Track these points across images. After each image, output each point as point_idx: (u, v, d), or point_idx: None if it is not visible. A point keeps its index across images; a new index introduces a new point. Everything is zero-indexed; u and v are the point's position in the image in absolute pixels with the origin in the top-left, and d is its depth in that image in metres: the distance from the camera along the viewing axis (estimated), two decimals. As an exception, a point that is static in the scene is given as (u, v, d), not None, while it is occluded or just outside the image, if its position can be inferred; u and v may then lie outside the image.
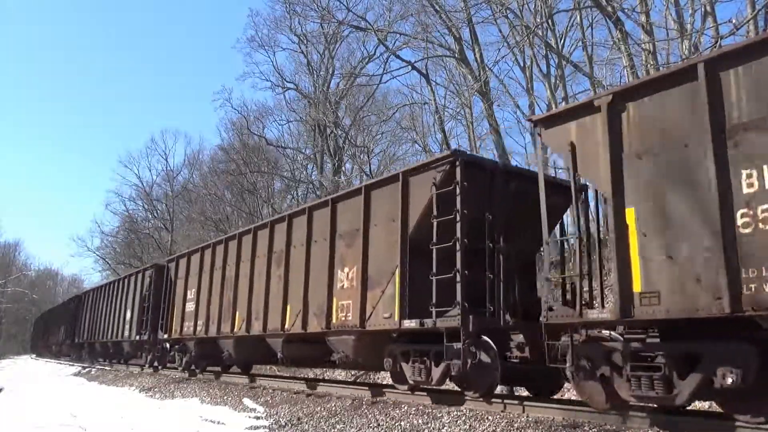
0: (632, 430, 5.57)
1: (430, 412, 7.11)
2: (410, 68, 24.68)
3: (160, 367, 17.82)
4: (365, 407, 7.99)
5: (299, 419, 8.18)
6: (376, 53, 28.10)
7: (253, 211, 31.82)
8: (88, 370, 23.44)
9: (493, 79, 22.22)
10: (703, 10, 15.00)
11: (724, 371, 4.80)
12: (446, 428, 6.46)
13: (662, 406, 5.54)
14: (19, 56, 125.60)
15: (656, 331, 5.48)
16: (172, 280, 16.44)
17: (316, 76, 31.07)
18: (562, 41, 21.22)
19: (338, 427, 7.41)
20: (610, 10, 15.26)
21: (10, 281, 62.93)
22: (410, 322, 7.60)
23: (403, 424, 6.91)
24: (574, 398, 8.20)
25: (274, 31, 31.65)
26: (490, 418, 6.43)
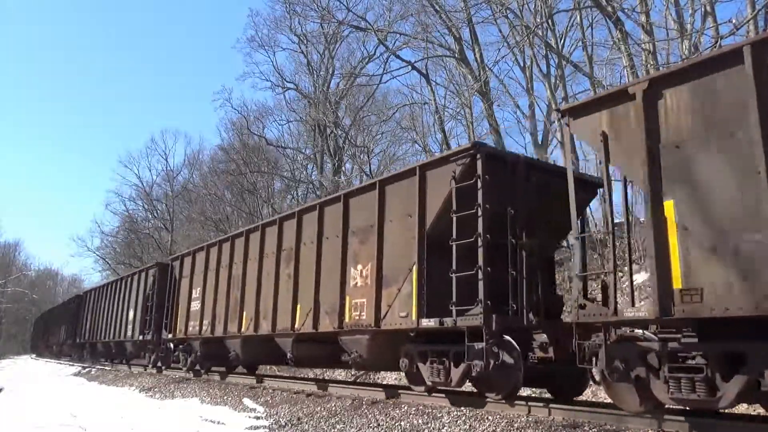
0: (632, 430, 5.36)
1: (430, 412, 6.96)
2: (410, 68, 24.72)
3: (163, 367, 17.37)
4: (365, 407, 7.84)
5: (299, 419, 8.04)
6: (376, 53, 28.06)
7: (253, 211, 31.54)
8: (88, 370, 23.16)
9: (493, 79, 22.18)
10: (703, 10, 14.91)
11: None
12: (446, 428, 6.31)
13: (702, 409, 5.20)
14: (19, 56, 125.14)
15: (692, 330, 5.13)
16: (176, 278, 15.97)
17: (316, 76, 30.94)
18: (562, 41, 21.08)
19: (338, 427, 7.29)
20: (610, 10, 15.12)
21: (10, 281, 62.42)
22: (429, 321, 7.25)
23: (403, 424, 6.77)
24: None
25: (274, 31, 31.58)
26: (490, 418, 6.30)
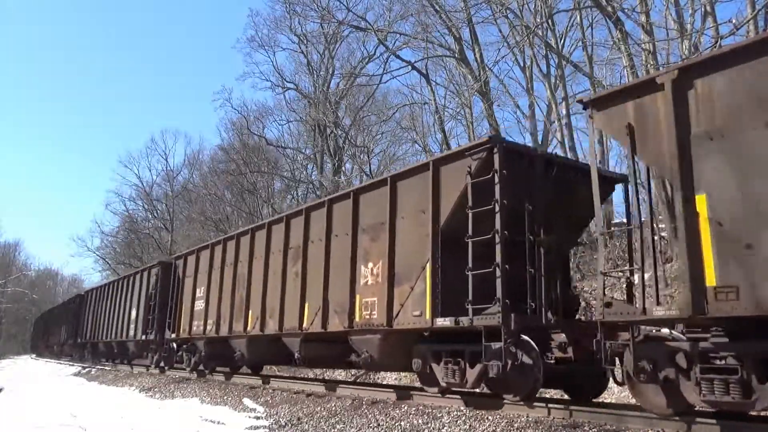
0: (632, 430, 5.22)
1: (430, 412, 6.84)
2: (410, 68, 24.55)
3: (166, 367, 16.90)
4: (365, 407, 7.74)
5: (299, 419, 7.92)
6: (376, 53, 27.86)
7: (253, 211, 31.28)
8: (88, 370, 22.89)
9: (493, 79, 22.10)
10: (703, 10, 14.78)
11: None
12: (446, 428, 6.21)
13: (733, 411, 4.92)
14: (19, 56, 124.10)
15: (721, 330, 4.86)
16: (180, 277, 15.58)
17: (316, 76, 30.71)
18: (562, 41, 21.00)
19: (338, 427, 7.17)
20: (610, 10, 14.95)
21: (10, 281, 61.98)
22: (443, 320, 6.94)
23: (403, 424, 6.65)
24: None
25: (274, 31, 31.36)
26: (490, 418, 6.20)
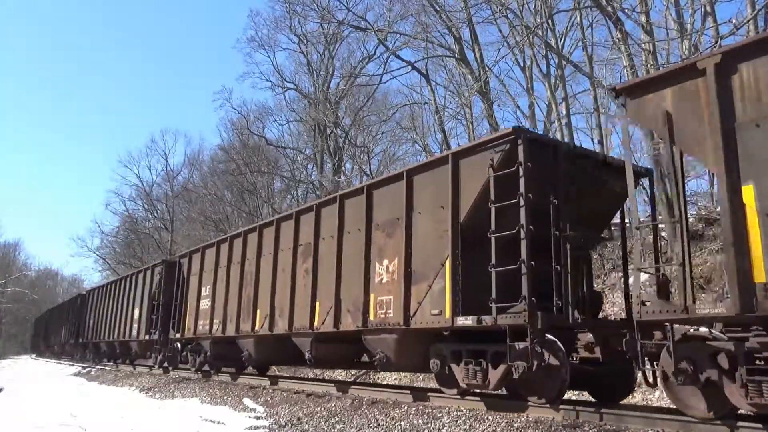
0: (632, 430, 5.11)
1: (430, 412, 6.75)
2: (410, 68, 24.33)
3: (170, 368, 16.40)
4: (365, 407, 7.62)
5: (299, 419, 7.78)
6: (376, 53, 27.62)
7: (253, 211, 30.95)
8: (88, 370, 22.54)
9: (493, 79, 21.89)
10: (703, 10, 14.68)
11: None
12: (446, 428, 6.13)
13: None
14: (18, 56, 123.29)
15: (762, 328, 4.53)
16: (184, 276, 15.14)
17: (316, 76, 30.40)
18: (562, 41, 20.79)
19: (338, 427, 7.08)
20: (610, 10, 14.75)
21: (10, 281, 61.31)
22: (465, 319, 6.59)
23: (403, 424, 6.57)
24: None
25: (274, 31, 31.03)
26: (490, 418, 6.12)
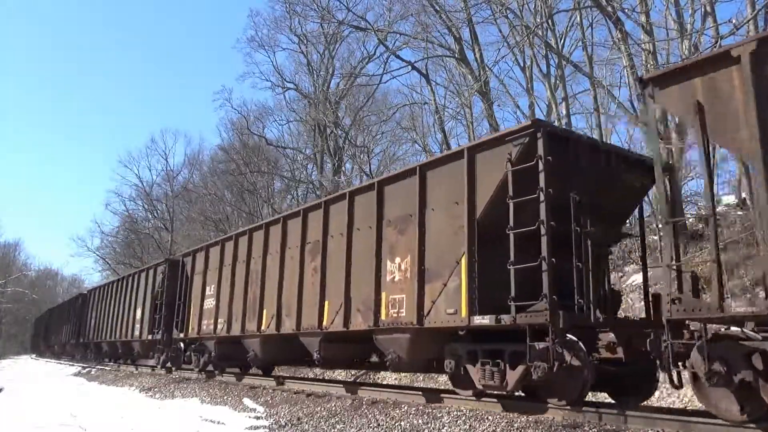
0: (631, 430, 5.12)
1: (430, 412, 6.75)
2: (410, 68, 24.51)
3: (174, 368, 16.17)
4: (365, 407, 7.61)
5: (299, 419, 7.81)
6: (376, 53, 27.84)
7: (253, 211, 31.23)
8: (88, 370, 22.69)
9: (493, 79, 21.96)
10: (703, 10, 14.77)
11: None
12: (446, 428, 6.13)
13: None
14: (18, 56, 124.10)
15: None
16: (188, 275, 14.95)
17: (316, 76, 30.64)
18: (562, 41, 20.87)
19: (338, 427, 7.09)
20: (610, 10, 14.92)
21: (10, 281, 61.67)
22: (482, 318, 6.42)
23: (403, 424, 6.57)
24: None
25: (274, 31, 31.28)
26: (490, 418, 6.11)
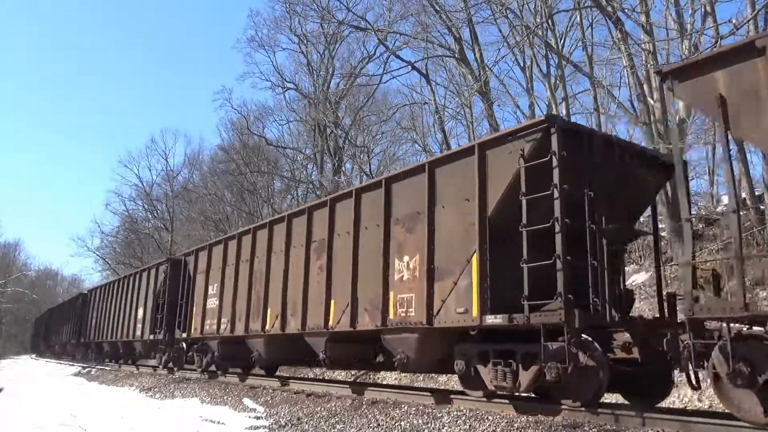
0: (631, 430, 5.14)
1: (430, 412, 6.77)
2: (410, 68, 24.61)
3: (176, 368, 16.08)
4: (365, 407, 7.64)
5: (299, 419, 7.83)
6: (376, 53, 27.98)
7: (253, 211, 31.41)
8: (88, 370, 22.77)
9: (493, 79, 22.03)
10: (703, 10, 14.82)
11: None
12: (446, 428, 6.15)
13: None
14: (18, 56, 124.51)
15: None
16: (190, 274, 14.86)
17: (316, 76, 30.79)
18: (562, 41, 20.93)
19: (338, 427, 7.11)
20: (610, 10, 15.00)
21: (10, 281, 61.89)
22: (494, 317, 6.33)
23: (403, 424, 6.60)
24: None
25: (274, 31, 31.46)
26: (490, 418, 6.13)
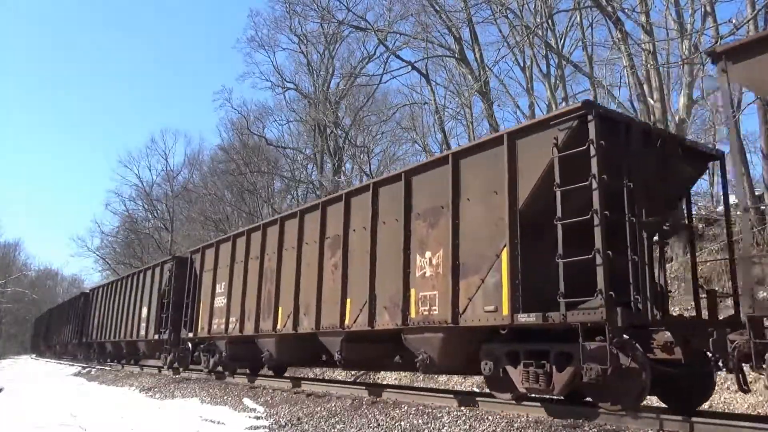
0: (631, 430, 5.26)
1: (430, 412, 6.86)
2: (410, 68, 24.68)
3: (181, 369, 16.00)
4: (365, 407, 7.74)
5: (299, 419, 7.95)
6: (376, 53, 28.17)
7: (253, 211, 31.69)
8: (88, 370, 23.01)
9: (493, 79, 22.09)
10: (703, 10, 14.89)
11: None
12: (446, 428, 6.23)
13: None
14: (18, 56, 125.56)
15: None
16: (197, 273, 14.70)
17: (316, 76, 31.04)
18: (562, 41, 21.01)
19: (338, 427, 7.21)
20: (610, 10, 15.11)
21: (10, 281, 62.28)
22: (527, 316, 6.05)
23: (403, 424, 6.69)
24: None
25: (274, 31, 31.71)
26: (490, 418, 6.22)
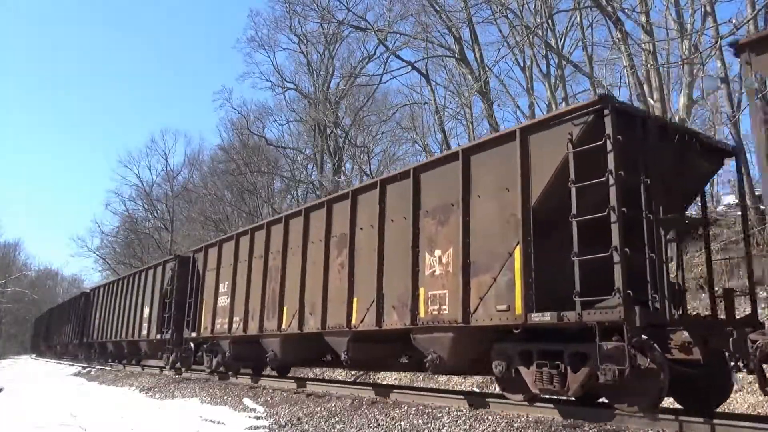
0: (632, 430, 5.31)
1: (430, 412, 6.90)
2: (410, 68, 24.80)
3: (184, 369, 15.94)
4: (365, 407, 7.78)
5: (299, 419, 7.99)
6: (376, 53, 28.28)
7: (253, 211, 31.80)
8: (88, 370, 23.10)
9: (493, 79, 22.17)
10: (703, 10, 14.93)
11: None
12: (446, 428, 6.26)
13: None
14: (18, 56, 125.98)
15: None
16: (199, 272, 14.68)
17: (316, 76, 31.15)
18: (562, 41, 21.07)
19: (338, 427, 7.25)
20: (610, 10, 15.16)
21: (10, 281, 62.46)
22: (542, 316, 5.95)
23: (403, 424, 6.72)
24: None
25: (274, 31, 31.84)
26: (490, 418, 6.26)
